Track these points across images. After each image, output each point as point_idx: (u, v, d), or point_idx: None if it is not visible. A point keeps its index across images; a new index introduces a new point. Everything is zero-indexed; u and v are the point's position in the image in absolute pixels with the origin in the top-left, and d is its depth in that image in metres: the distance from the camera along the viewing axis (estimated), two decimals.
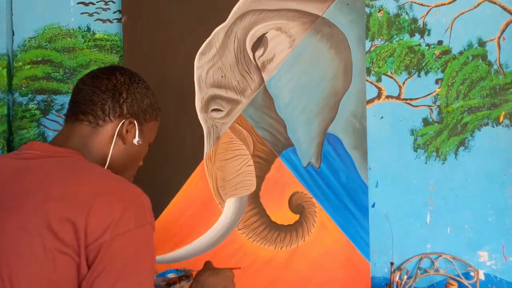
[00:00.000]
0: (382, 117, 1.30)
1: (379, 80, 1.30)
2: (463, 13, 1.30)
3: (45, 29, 1.25)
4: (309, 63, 1.26)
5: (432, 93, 1.30)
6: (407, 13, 1.29)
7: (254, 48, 1.25)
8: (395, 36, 1.29)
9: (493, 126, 1.31)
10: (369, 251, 1.26)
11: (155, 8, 1.24)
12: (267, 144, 1.25)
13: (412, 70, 1.30)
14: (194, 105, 1.25)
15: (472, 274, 1.29)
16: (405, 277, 1.26)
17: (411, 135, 1.31)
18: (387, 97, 1.30)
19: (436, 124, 1.31)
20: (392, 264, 1.27)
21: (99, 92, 0.79)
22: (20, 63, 1.25)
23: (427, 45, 1.30)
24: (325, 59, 1.26)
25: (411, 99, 1.30)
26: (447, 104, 1.31)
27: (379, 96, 1.30)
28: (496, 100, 1.31)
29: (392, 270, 1.25)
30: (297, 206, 1.26)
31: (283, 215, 1.26)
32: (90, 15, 1.26)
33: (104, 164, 0.79)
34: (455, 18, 1.30)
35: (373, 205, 1.30)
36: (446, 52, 1.30)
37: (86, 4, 1.26)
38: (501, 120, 1.31)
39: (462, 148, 1.31)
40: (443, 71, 1.30)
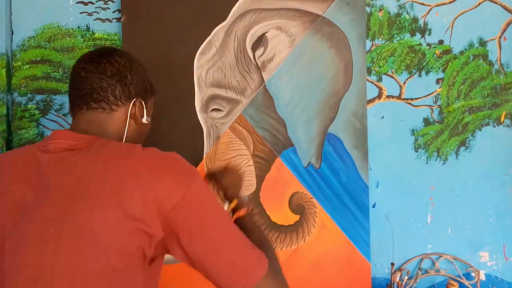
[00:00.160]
0: (383, 117, 1.30)
1: (380, 79, 1.30)
2: (463, 12, 1.29)
3: (44, 29, 1.25)
4: (309, 62, 1.25)
5: (433, 93, 1.30)
6: (407, 13, 1.29)
7: (254, 47, 1.25)
8: (395, 36, 1.29)
9: (494, 126, 1.31)
10: (370, 252, 1.26)
11: (154, 8, 1.23)
12: (267, 144, 1.25)
13: (413, 70, 1.30)
14: (194, 105, 1.24)
15: (473, 274, 1.28)
16: (406, 277, 1.26)
17: (411, 135, 1.30)
18: (388, 97, 1.30)
19: (437, 124, 1.30)
20: (392, 264, 1.26)
21: (106, 78, 0.80)
22: (19, 63, 1.24)
23: (428, 44, 1.30)
24: (325, 58, 1.25)
25: (411, 99, 1.30)
26: (448, 104, 1.30)
27: (379, 96, 1.30)
28: (497, 100, 1.30)
29: (392, 270, 1.25)
30: (297, 206, 1.26)
31: (283, 216, 1.25)
32: (90, 14, 1.26)
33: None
34: (456, 18, 1.29)
35: (374, 205, 1.30)
36: (447, 51, 1.30)
37: (86, 4, 1.26)
38: (502, 120, 1.31)
39: (463, 148, 1.30)
40: (444, 71, 1.30)
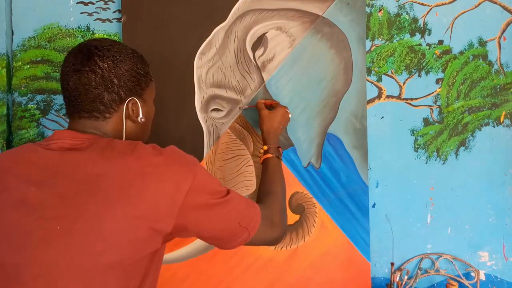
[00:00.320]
0: (383, 117, 1.30)
1: (380, 80, 1.30)
2: (463, 12, 1.29)
3: (45, 29, 1.25)
4: (309, 63, 1.25)
5: (432, 93, 1.30)
6: (407, 13, 1.29)
7: (254, 47, 1.25)
8: (395, 36, 1.29)
9: (493, 126, 1.31)
10: (370, 252, 1.26)
11: (155, 8, 1.23)
12: None
13: (413, 70, 1.30)
14: (194, 105, 1.24)
15: (472, 274, 1.28)
16: (406, 277, 1.26)
17: (411, 135, 1.30)
18: (388, 97, 1.30)
19: (436, 124, 1.30)
20: (392, 264, 1.26)
21: (92, 89, 0.78)
22: (20, 63, 1.24)
23: (428, 44, 1.30)
24: (325, 59, 1.26)
25: (411, 99, 1.30)
26: (448, 104, 1.30)
27: (379, 96, 1.30)
28: (497, 100, 1.31)
29: (392, 270, 1.25)
30: (297, 206, 1.26)
31: None
32: (90, 14, 1.26)
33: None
34: (456, 18, 1.30)
35: (374, 205, 1.30)
36: (447, 51, 1.30)
37: (86, 4, 1.26)
38: (501, 120, 1.31)
39: (462, 148, 1.30)
40: (443, 71, 1.30)
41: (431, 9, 1.29)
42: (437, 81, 1.30)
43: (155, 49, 1.23)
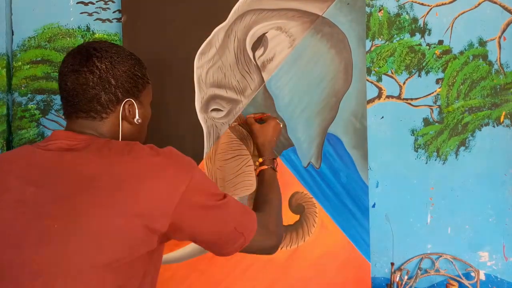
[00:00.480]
0: (383, 117, 1.30)
1: (380, 80, 1.30)
2: (463, 12, 1.29)
3: (45, 29, 1.25)
4: (309, 63, 1.25)
5: (432, 93, 1.30)
6: (407, 13, 1.29)
7: (254, 47, 1.25)
8: (395, 36, 1.29)
9: (493, 126, 1.31)
10: (370, 252, 1.26)
11: (155, 8, 1.23)
12: None
13: (413, 70, 1.30)
14: (194, 105, 1.24)
15: (472, 274, 1.29)
16: (406, 277, 1.26)
17: (411, 135, 1.30)
18: (388, 97, 1.30)
19: (436, 124, 1.30)
20: (392, 264, 1.26)
21: (89, 89, 0.79)
22: (20, 63, 1.24)
23: (428, 44, 1.30)
24: (325, 59, 1.26)
25: (411, 99, 1.30)
26: (448, 104, 1.30)
27: (379, 96, 1.30)
28: (497, 100, 1.31)
29: (392, 270, 1.25)
30: (297, 206, 1.26)
31: (283, 215, 1.25)
32: (90, 14, 1.26)
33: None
34: (456, 18, 1.30)
35: (374, 205, 1.30)
36: (447, 51, 1.30)
37: (86, 4, 1.26)
38: (501, 120, 1.31)
39: (462, 148, 1.30)
40: (443, 71, 1.30)
41: (431, 9, 1.29)
42: (437, 81, 1.30)
43: (155, 49, 1.23)
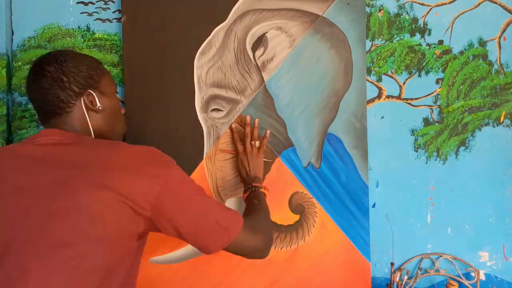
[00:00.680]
0: (383, 117, 1.30)
1: (380, 80, 1.30)
2: (463, 12, 1.29)
3: (45, 29, 1.25)
4: (309, 63, 1.25)
5: (432, 93, 1.30)
6: (407, 13, 1.29)
7: (254, 47, 1.25)
8: (395, 36, 1.29)
9: (493, 126, 1.31)
10: (370, 252, 1.26)
11: (155, 8, 1.23)
12: (267, 144, 1.25)
13: (413, 70, 1.30)
14: (194, 105, 1.24)
15: (472, 274, 1.29)
16: (406, 277, 1.26)
17: (411, 135, 1.30)
18: (388, 97, 1.30)
19: (436, 124, 1.30)
20: (392, 264, 1.26)
21: (47, 91, 0.86)
22: (20, 63, 1.24)
23: (428, 44, 1.30)
24: (325, 59, 1.26)
25: (411, 99, 1.30)
26: (448, 104, 1.30)
27: (379, 96, 1.30)
28: (497, 100, 1.31)
29: (392, 270, 1.25)
30: (297, 206, 1.26)
31: (283, 215, 1.25)
32: (90, 14, 1.26)
33: (91, 135, 0.90)
34: (456, 18, 1.30)
35: (374, 205, 1.30)
36: (447, 51, 1.30)
37: (86, 4, 1.26)
38: (501, 120, 1.31)
39: (462, 148, 1.30)
40: (443, 71, 1.30)
41: (431, 9, 1.29)
42: (437, 81, 1.30)
43: (155, 49, 1.23)
